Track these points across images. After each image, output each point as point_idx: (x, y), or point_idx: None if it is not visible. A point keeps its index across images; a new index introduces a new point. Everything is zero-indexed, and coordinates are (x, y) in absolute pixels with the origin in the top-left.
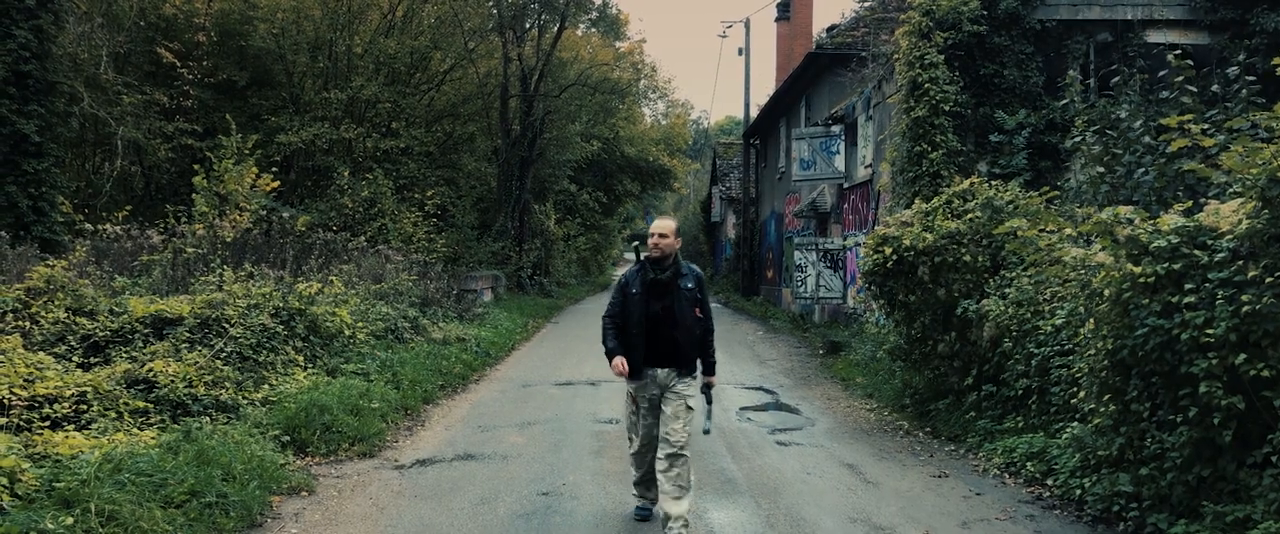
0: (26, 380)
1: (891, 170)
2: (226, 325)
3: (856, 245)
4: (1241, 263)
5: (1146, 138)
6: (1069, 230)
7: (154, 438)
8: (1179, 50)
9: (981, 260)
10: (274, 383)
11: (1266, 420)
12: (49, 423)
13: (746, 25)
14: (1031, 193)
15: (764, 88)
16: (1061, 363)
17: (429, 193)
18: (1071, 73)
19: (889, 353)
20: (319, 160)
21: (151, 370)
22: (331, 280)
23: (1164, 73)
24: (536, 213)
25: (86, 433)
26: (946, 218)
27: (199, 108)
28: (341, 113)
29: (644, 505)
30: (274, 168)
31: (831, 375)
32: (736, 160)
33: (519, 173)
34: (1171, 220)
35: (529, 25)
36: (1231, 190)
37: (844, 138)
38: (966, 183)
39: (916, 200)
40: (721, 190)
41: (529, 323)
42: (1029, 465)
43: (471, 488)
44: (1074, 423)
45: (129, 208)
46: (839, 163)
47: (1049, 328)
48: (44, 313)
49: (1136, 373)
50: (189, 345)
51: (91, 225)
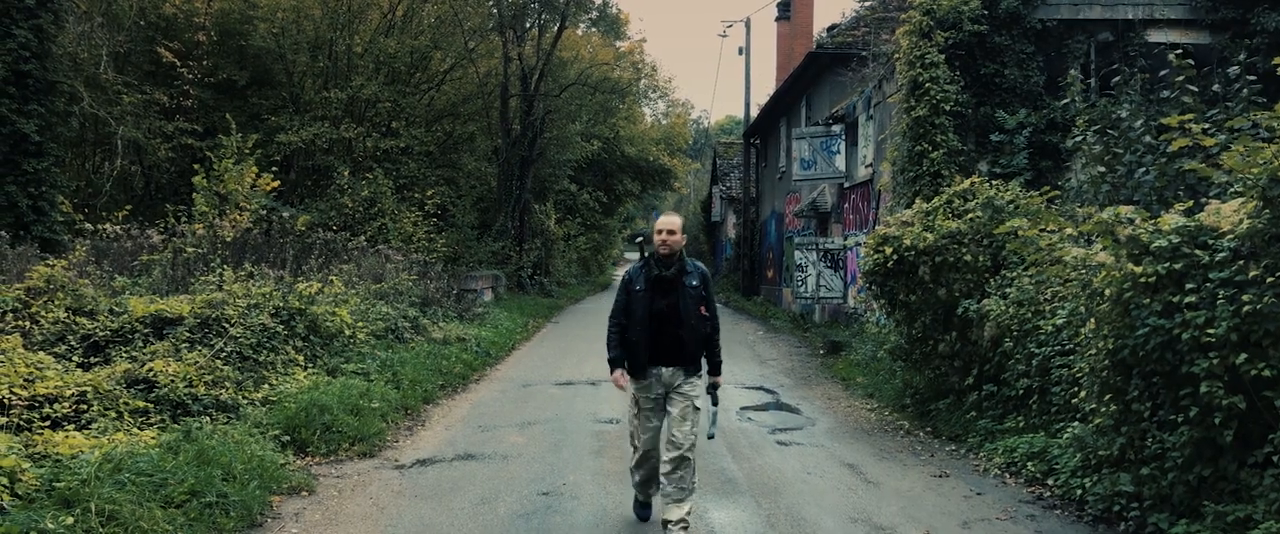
0: (26, 380)
1: (892, 170)
2: (226, 325)
3: (857, 245)
4: (1242, 262)
5: (1147, 137)
6: (1070, 230)
7: (154, 438)
8: (1180, 50)
9: (982, 260)
10: (274, 383)
11: (1267, 420)
12: (49, 423)
13: (747, 25)
14: (1032, 192)
15: (764, 87)
16: (1062, 363)
17: (429, 192)
18: (1072, 72)
19: (890, 353)
20: (319, 160)
21: (151, 370)
22: (331, 280)
23: (1165, 72)
24: (537, 212)
25: (86, 433)
26: (947, 217)
27: (199, 107)
28: (341, 112)
29: (645, 504)
30: (274, 167)
31: (832, 375)
32: (737, 160)
33: (519, 172)
34: (1172, 220)
35: (529, 25)
36: (1232, 190)
37: (844, 137)
38: (967, 182)
39: (917, 200)
40: (722, 190)
41: (529, 323)
42: (1030, 465)
43: (472, 488)
44: (1075, 423)
45: (129, 207)
46: (839, 162)
47: (1050, 328)
48: (44, 312)
49: (1137, 373)
50: (189, 345)
51: (91, 225)
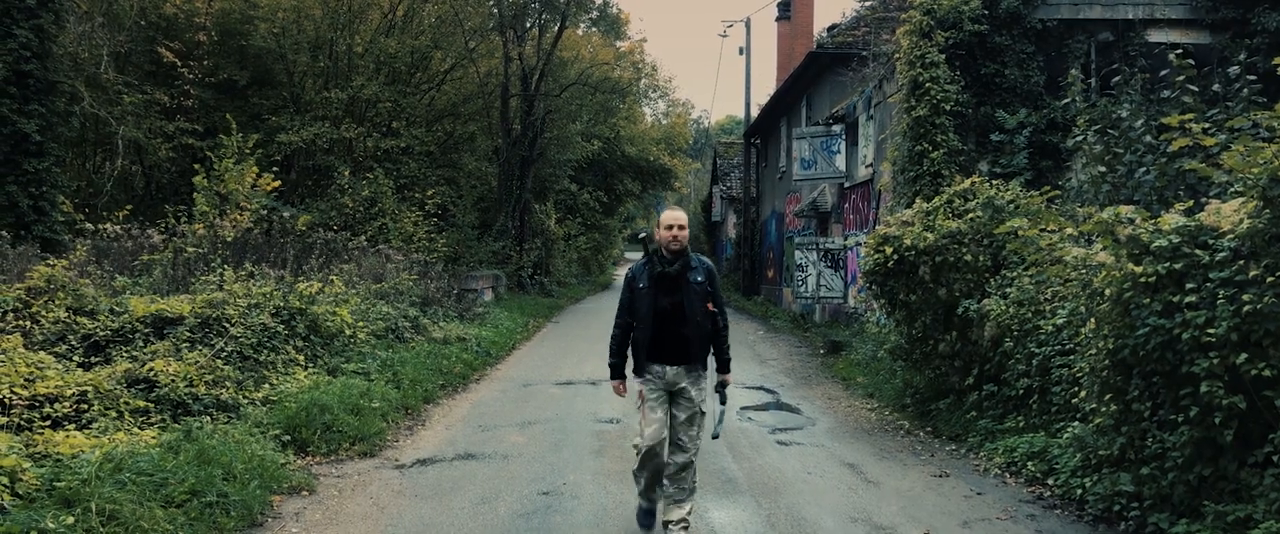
0: (27, 380)
1: (892, 170)
2: (227, 325)
3: (857, 245)
4: (1243, 262)
5: (1148, 137)
6: (1070, 230)
7: (155, 437)
8: (1180, 50)
9: (982, 260)
10: (274, 382)
11: (1267, 420)
12: (50, 422)
13: (747, 25)
14: (1032, 192)
15: (765, 87)
16: (1062, 362)
17: (429, 192)
18: (1073, 72)
19: (890, 352)
20: (319, 160)
21: (152, 370)
22: (332, 280)
23: (1165, 72)
24: (537, 212)
25: (87, 432)
26: (947, 217)
27: (199, 107)
28: (342, 112)
29: (650, 512)
30: (274, 167)
31: (832, 375)
32: (737, 160)
33: (519, 172)
34: (1172, 220)
35: (530, 25)
36: (1233, 190)
37: (845, 137)
38: (967, 182)
39: (917, 200)
40: (722, 190)
41: (529, 322)
42: (1030, 465)
43: (472, 487)
44: (1075, 422)
45: (129, 207)
46: (840, 162)
47: (1050, 327)
48: (45, 312)
49: (1138, 372)
50: (189, 345)
51: (92, 225)
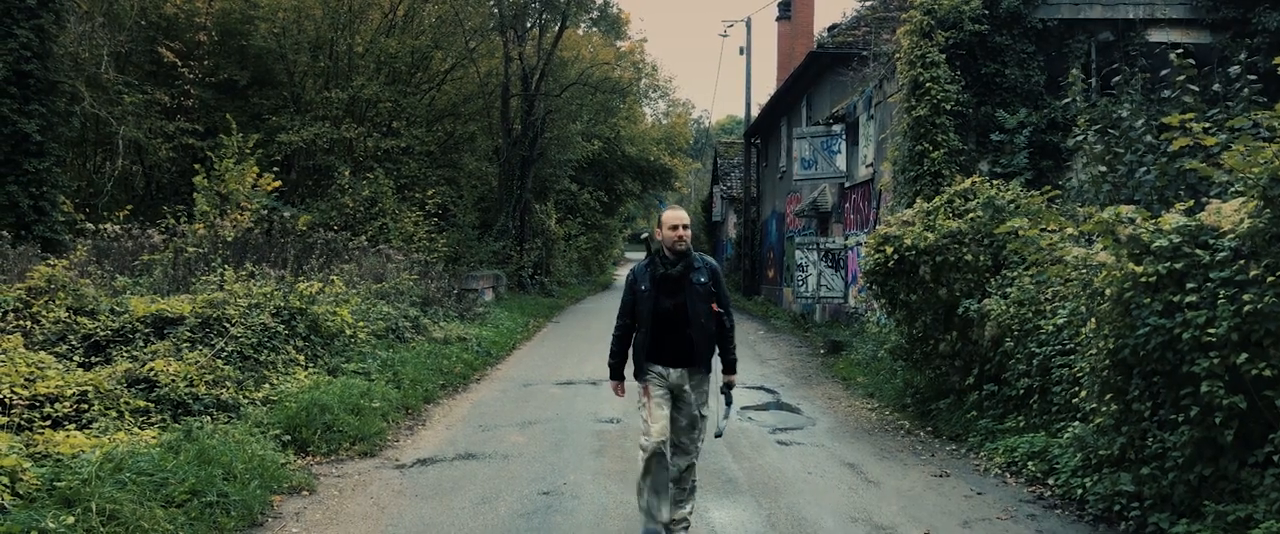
0: (27, 380)
1: (893, 169)
2: (227, 325)
3: (858, 245)
4: (1243, 262)
5: (1148, 137)
6: (1070, 229)
7: (155, 437)
8: (1181, 49)
9: (983, 260)
10: (275, 382)
11: (1268, 420)
12: (50, 422)
13: (748, 25)
14: (1033, 192)
15: (765, 87)
16: (1063, 362)
17: (430, 192)
18: (1073, 72)
19: (890, 352)
20: (320, 160)
21: (152, 370)
22: (332, 280)
23: (1166, 72)
24: (537, 212)
25: (87, 432)
26: (948, 217)
27: (200, 107)
28: (342, 112)
29: (654, 530)
30: (275, 167)
31: (832, 375)
32: (737, 160)
33: (520, 172)
34: (1173, 219)
35: (530, 24)
36: (1233, 189)
37: (845, 137)
38: (968, 182)
39: (918, 200)
40: (722, 190)
41: (530, 322)
42: (1030, 465)
43: (472, 487)
44: (1075, 422)
45: (130, 207)
46: (840, 162)
47: (1050, 327)
48: (45, 312)
49: (1138, 372)
50: (190, 345)
51: (92, 225)
